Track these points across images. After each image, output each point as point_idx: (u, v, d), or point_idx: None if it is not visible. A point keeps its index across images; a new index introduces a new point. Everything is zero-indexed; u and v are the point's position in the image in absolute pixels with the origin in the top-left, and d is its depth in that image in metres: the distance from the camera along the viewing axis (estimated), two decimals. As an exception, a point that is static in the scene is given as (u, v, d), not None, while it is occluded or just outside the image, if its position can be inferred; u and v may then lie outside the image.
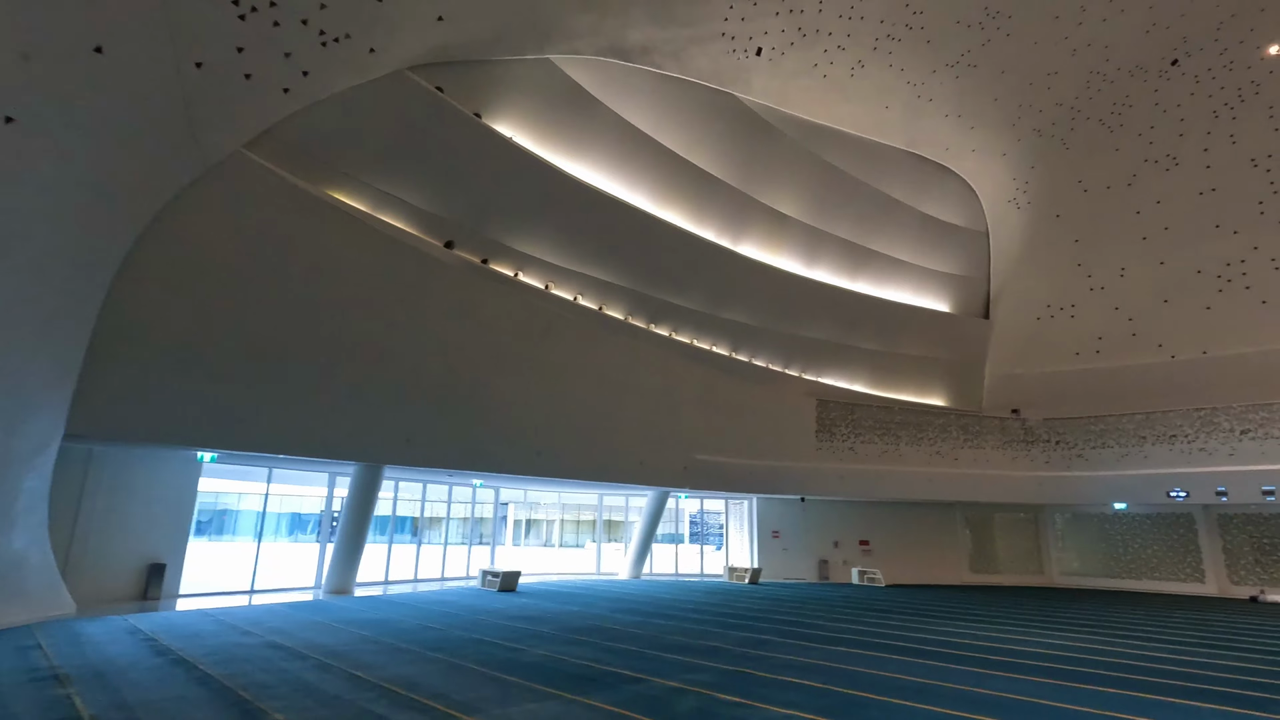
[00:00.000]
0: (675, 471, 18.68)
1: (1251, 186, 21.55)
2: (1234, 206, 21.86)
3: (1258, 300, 21.74)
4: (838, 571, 22.31)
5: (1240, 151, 21.40)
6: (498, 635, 10.38)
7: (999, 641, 10.92)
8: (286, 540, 35.10)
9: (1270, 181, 21.32)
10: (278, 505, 36.69)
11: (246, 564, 15.78)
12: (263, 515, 16.61)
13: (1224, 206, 21.99)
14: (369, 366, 13.21)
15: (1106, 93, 21.34)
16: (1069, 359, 24.41)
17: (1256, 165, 21.38)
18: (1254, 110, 20.84)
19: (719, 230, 18.73)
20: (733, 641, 10.31)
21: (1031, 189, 24.10)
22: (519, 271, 15.34)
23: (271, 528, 37.07)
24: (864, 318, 22.85)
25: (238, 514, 34.77)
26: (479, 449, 15.13)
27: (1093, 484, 21.04)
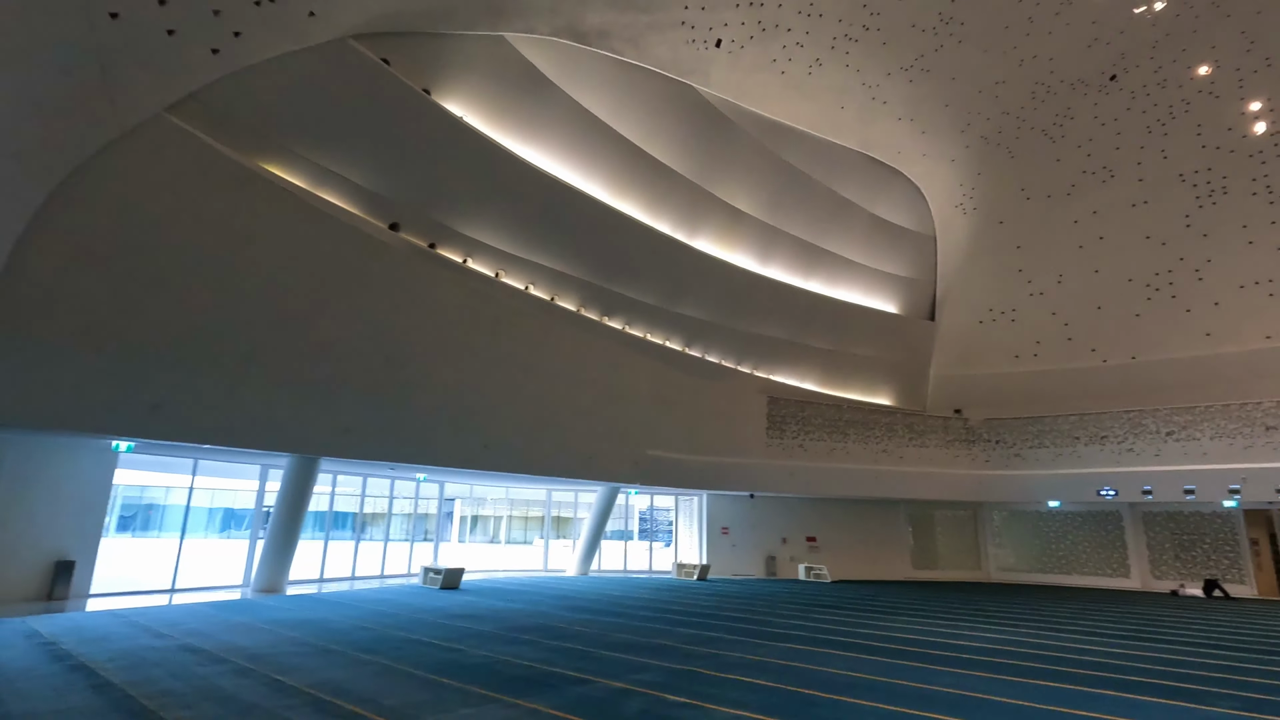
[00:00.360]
0: (626, 467, 18.38)
1: (1179, 201, 22.55)
2: (1163, 219, 22.84)
3: (1182, 309, 22.78)
4: (785, 568, 22.43)
5: (1170, 166, 22.36)
6: (437, 635, 9.89)
7: (943, 636, 11.00)
8: (219, 537, 33.36)
9: (1196, 197, 22.36)
10: (209, 499, 34.86)
11: (171, 561, 14.77)
12: (187, 509, 15.55)
13: (1154, 219, 22.96)
14: (304, 352, 12.46)
15: (1050, 104, 21.99)
16: (1009, 361, 25.15)
17: (1184, 180, 22.39)
18: (1184, 127, 21.80)
19: (675, 224, 18.51)
20: (681, 639, 10.08)
21: (977, 195, 24.70)
22: (468, 258, 14.76)
23: (202, 523, 35.18)
24: (816, 317, 23.01)
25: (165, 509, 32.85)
26: (422, 442, 14.50)
27: (1029, 482, 21.70)
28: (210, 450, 13.88)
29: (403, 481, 19.97)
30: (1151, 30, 19.72)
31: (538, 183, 15.00)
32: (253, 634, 9.57)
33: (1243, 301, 21.86)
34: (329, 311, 12.64)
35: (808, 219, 21.93)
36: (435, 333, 14.35)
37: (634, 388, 18.50)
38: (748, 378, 22.01)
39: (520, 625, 11.05)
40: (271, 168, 11.43)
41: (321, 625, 10.51)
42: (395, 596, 14.61)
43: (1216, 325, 22.24)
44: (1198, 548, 20.33)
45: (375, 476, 18.45)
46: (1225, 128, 21.35)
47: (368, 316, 13.21)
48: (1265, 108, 20.76)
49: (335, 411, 13.02)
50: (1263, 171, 21.40)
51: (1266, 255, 21.57)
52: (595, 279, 17.20)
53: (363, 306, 13.10)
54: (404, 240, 13.53)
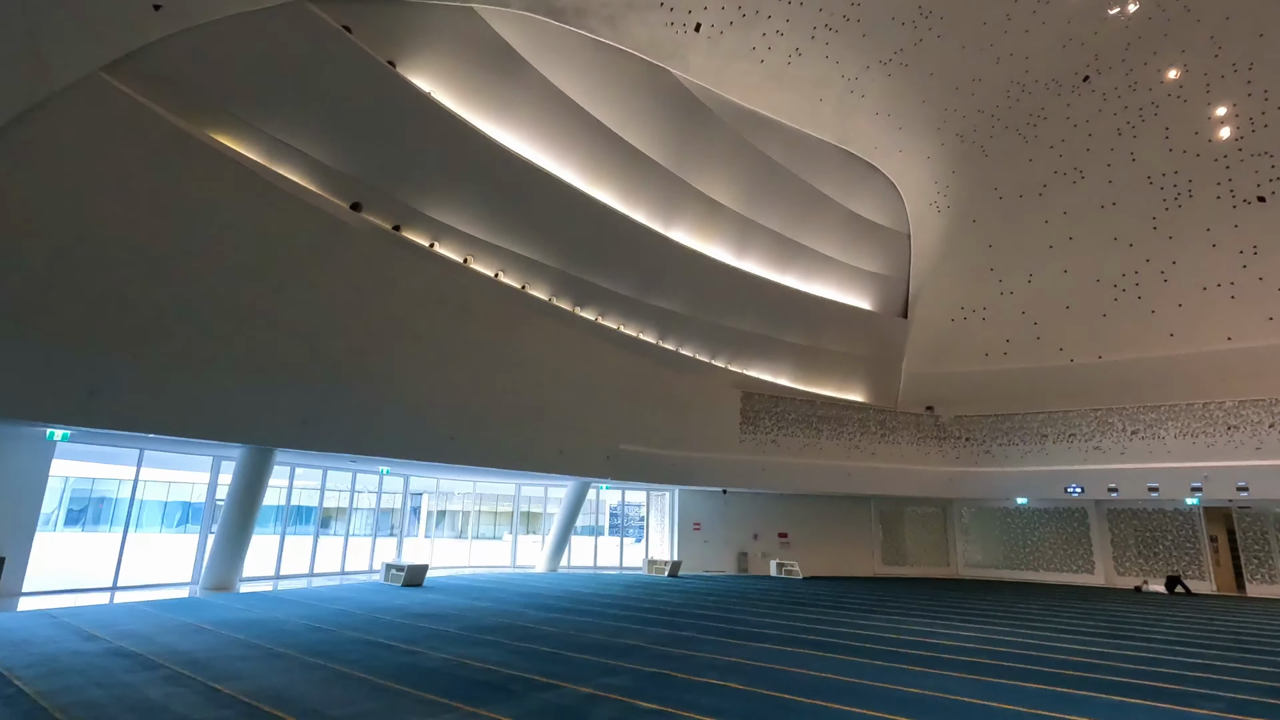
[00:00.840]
0: (597, 461, 17.91)
1: (1147, 203, 22.79)
2: (1131, 221, 23.07)
3: (1148, 310, 23.05)
4: (756, 564, 22.19)
5: (1139, 169, 22.58)
6: (395, 636, 9.32)
7: (919, 635, 10.77)
8: (176, 531, 32.04)
9: (1163, 199, 22.61)
10: (164, 493, 33.51)
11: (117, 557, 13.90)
12: (131, 502, 14.67)
13: (1122, 220, 23.19)
14: (259, 337, 11.73)
15: (1024, 103, 22.02)
16: (979, 359, 25.24)
17: (1152, 183, 22.63)
18: (1153, 130, 22.01)
19: (650, 213, 18.06)
20: (652, 639, 9.67)
21: (951, 193, 24.70)
22: (435, 242, 14.12)
23: (158, 517, 33.77)
24: (791, 312, 22.77)
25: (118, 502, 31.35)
26: (385, 433, 13.83)
27: (999, 479, 21.78)
28: (155, 440, 13.07)
29: (366, 475, 19.23)
30: (1125, 32, 19.81)
31: (509, 165, 14.42)
32: (195, 636, 8.91)
33: (1205, 303, 22.18)
34: (286, 295, 11.93)
35: (785, 213, 21.66)
36: (400, 320, 13.70)
37: (607, 380, 18.02)
38: (722, 372, 21.69)
39: (484, 625, 10.53)
40: (221, 138, 10.69)
41: (271, 625, 9.86)
42: (354, 594, 13.95)
43: (1180, 326, 22.54)
44: (1159, 545, 20.58)
45: (336, 469, 17.69)
46: (1192, 132, 21.61)
47: (328, 301, 12.51)
48: (1230, 113, 21.05)
49: (292, 401, 12.32)
50: (1227, 175, 21.71)
51: (1228, 258, 21.91)
52: (568, 268, 16.67)
53: (322, 290, 12.41)
54: (367, 222, 12.85)
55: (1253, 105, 20.70)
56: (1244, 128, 21.07)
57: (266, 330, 11.80)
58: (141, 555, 17.79)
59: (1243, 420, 19.12)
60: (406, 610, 11.82)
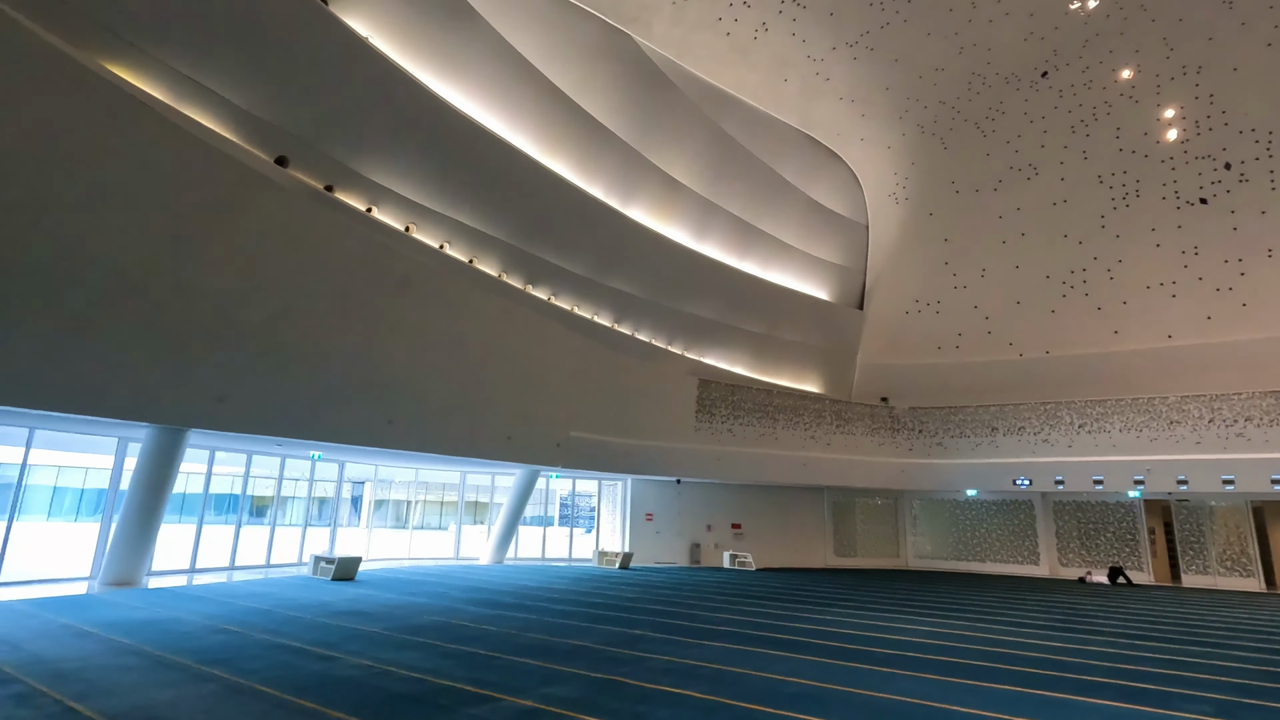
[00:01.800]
0: (547, 449, 16.92)
1: (1096, 201, 23.00)
2: (1080, 218, 23.27)
3: (1094, 306, 23.32)
4: (710, 555, 21.60)
5: (1090, 167, 22.76)
6: (311, 638, 8.20)
7: (879, 631, 10.22)
8: (89, 521, 29.49)
9: (1111, 198, 22.84)
10: (80, 479, 30.85)
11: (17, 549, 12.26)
12: (18, 487, 12.99)
13: (1072, 217, 23.36)
14: (167, 303, 10.32)
15: (984, 96, 21.89)
16: (933, 352, 25.21)
17: (1102, 181, 22.84)
18: (1104, 129, 22.17)
19: (608, 188, 17.11)
20: (602, 639, 8.80)
21: (910, 185, 24.51)
22: (372, 207, 12.86)
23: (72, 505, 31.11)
24: (748, 299, 22.19)
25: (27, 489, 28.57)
26: (314, 414, 12.54)
27: (950, 471, 21.70)
28: (42, 417, 11.48)
29: (297, 460, 17.74)
30: (1084, 29, 19.80)
31: (457, 126, 13.26)
32: (72, 641, 7.61)
33: (1148, 301, 22.53)
34: (198, 254, 10.53)
35: (745, 197, 21.02)
36: (331, 289, 12.40)
37: (558, 364, 17.03)
38: (678, 359, 20.95)
39: (415, 624, 9.48)
40: (121, 71, 9.26)
41: (169, 627, 8.60)
42: (276, 590, 12.65)
43: (1124, 323, 22.86)
44: (1101, 536, 20.83)
45: (262, 454, 16.20)
46: (1142, 133, 21.85)
47: (247, 266, 11.15)
48: (1178, 115, 21.33)
49: (204, 376, 10.95)
50: (1172, 177, 22.03)
51: (1171, 258, 22.28)
52: (520, 242, 15.60)
53: (242, 253, 11.04)
54: (294, 179, 11.52)
55: (1199, 108, 21.01)
56: (1190, 130, 21.38)
57: (174, 295, 10.40)
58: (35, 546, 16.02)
59: (1184, 415, 19.41)
60: (330, 608, 10.65)
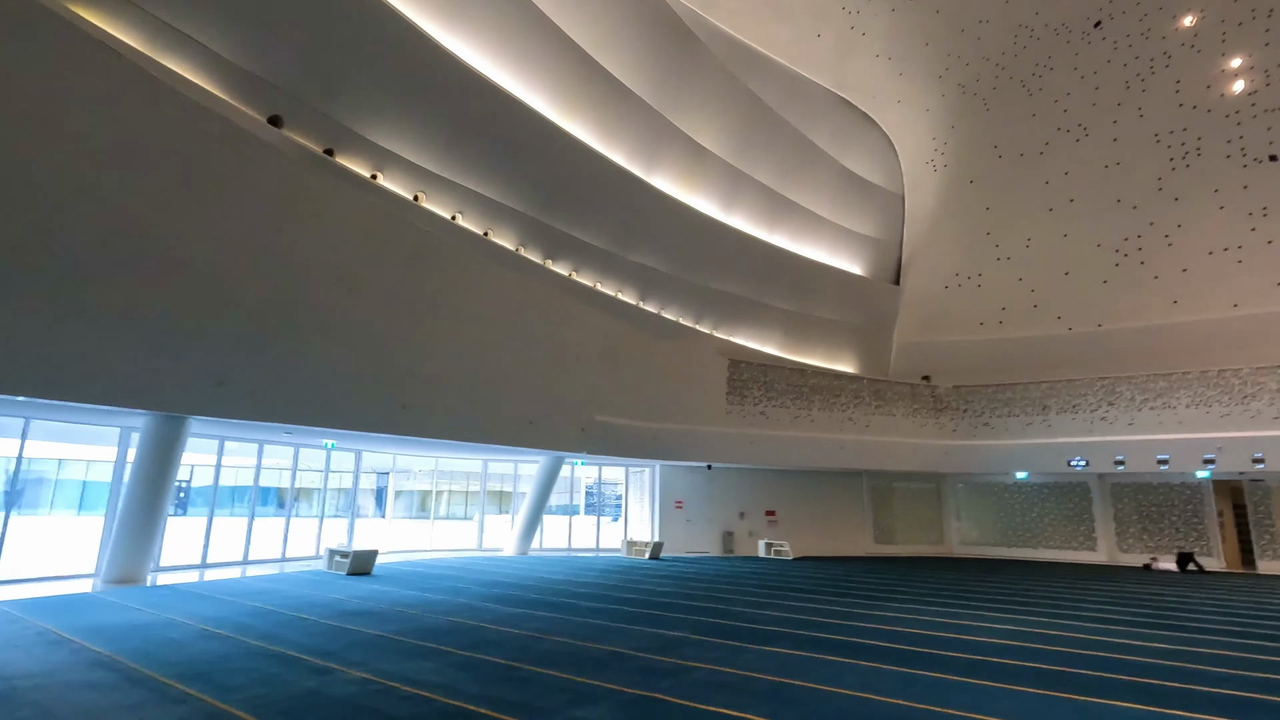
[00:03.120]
0: (571, 434, 15.80)
1: (1152, 162, 21.18)
2: (1135, 181, 21.46)
3: (1150, 275, 21.53)
4: (743, 544, 20.38)
5: (1146, 126, 20.93)
6: (311, 645, 7.16)
7: (949, 629, 8.93)
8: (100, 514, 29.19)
9: (1169, 158, 21.01)
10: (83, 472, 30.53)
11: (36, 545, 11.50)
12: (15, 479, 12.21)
13: (1126, 181, 21.57)
14: (159, 278, 9.32)
15: (1031, 51, 20.16)
16: (973, 329, 23.60)
17: (1159, 141, 21.01)
18: (1162, 84, 20.33)
19: (630, 155, 15.83)
20: (637, 643, 7.65)
21: (949, 150, 22.86)
22: (378, 173, 11.77)
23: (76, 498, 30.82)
24: (779, 274, 20.81)
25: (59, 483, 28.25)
26: (322, 399, 11.53)
27: (997, 453, 20.18)
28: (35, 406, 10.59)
29: (315, 451, 16.83)
30: (1143, -30, 18.02)
31: (469, 84, 12.08)
32: (43, 651, 6.64)
33: (1211, 268, 20.69)
34: (186, 226, 9.51)
35: (775, 164, 19.59)
36: (335, 264, 11.33)
37: (581, 344, 15.86)
38: (707, 338, 19.68)
39: (429, 627, 8.41)
40: (90, 15, 8.21)
41: (157, 634, 7.63)
42: (285, 587, 11.71)
43: (1185, 293, 21.06)
44: (1165, 520, 19.20)
45: (274, 443, 15.31)
46: (1204, 85, 19.98)
47: (241, 236, 10.11)
48: (1245, 65, 19.43)
49: (202, 358, 9.96)
50: (1238, 133, 20.15)
51: (1237, 221, 20.41)
52: (538, 213, 14.42)
53: (238, 223, 10.00)
54: (291, 142, 10.44)
55: (1269, 56, 19.09)
56: (1258, 81, 19.47)
57: (167, 267, 9.40)
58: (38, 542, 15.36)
59: (1260, 388, 17.66)
60: (339, 607, 9.64)
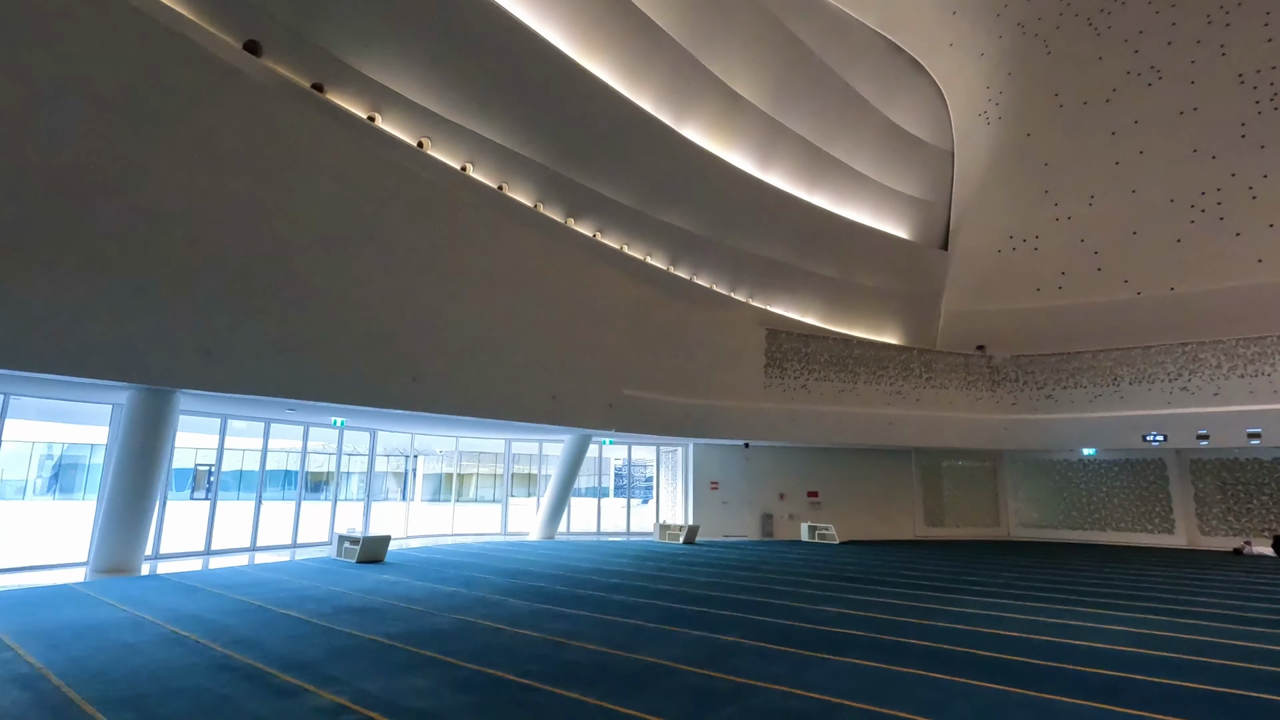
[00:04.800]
0: (598, 410, 14.33)
1: (1235, 106, 18.76)
2: (1214, 128, 19.07)
3: (1231, 232, 19.18)
4: (783, 527, 18.79)
5: (1228, 65, 18.51)
6: (286, 654, 5.78)
7: (1060, 632, 7.25)
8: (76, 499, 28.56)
9: (1255, 101, 18.58)
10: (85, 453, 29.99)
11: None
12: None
13: (1204, 128, 19.18)
14: (131, 233, 8.03)
15: (1101, -18, 17.88)
16: (1029, 295, 21.48)
17: (1243, 82, 18.58)
18: (1250, 16, 17.89)
19: (658, 101, 14.15)
20: (680, 652, 6.13)
21: (1005, 101, 20.66)
22: (376, 114, 10.31)
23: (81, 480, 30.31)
24: (820, 238, 18.97)
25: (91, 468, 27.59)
26: (322, 372, 10.21)
27: (1062, 428, 18.18)
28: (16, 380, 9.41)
29: (334, 431, 15.62)
30: (1237, -121, 15.62)
31: (480, 14, 10.52)
32: (-42, 663, 5.37)
33: (1304, 222, 18.34)
34: (167, 171, 8.16)
35: (816, 116, 17.70)
36: (331, 218, 9.93)
37: (607, 312, 14.33)
38: (742, 306, 17.98)
39: (433, 628, 7.00)
40: (18, -90, 6.82)
41: (113, 637, 6.33)
42: (286, 577, 10.47)
43: (1271, 250, 18.70)
44: (1254, 499, 17.08)
45: (280, 421, 14.11)
46: (1300, 15, 17.54)
47: (219, 183, 8.75)
48: (1349, -11, 16.96)
49: (185, 324, 8.68)
50: (1338, 68, 17.71)
51: (1334, 168, 18.00)
52: (558, 165, 12.86)
53: (208, 167, 8.63)
54: (271, 73, 9.01)
55: (1378, -22, 16.61)
56: (1364, 7, 16.99)
57: (139, 221, 8.08)
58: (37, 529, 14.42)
59: (1372, 352, 15.42)
60: (337, 602, 8.31)
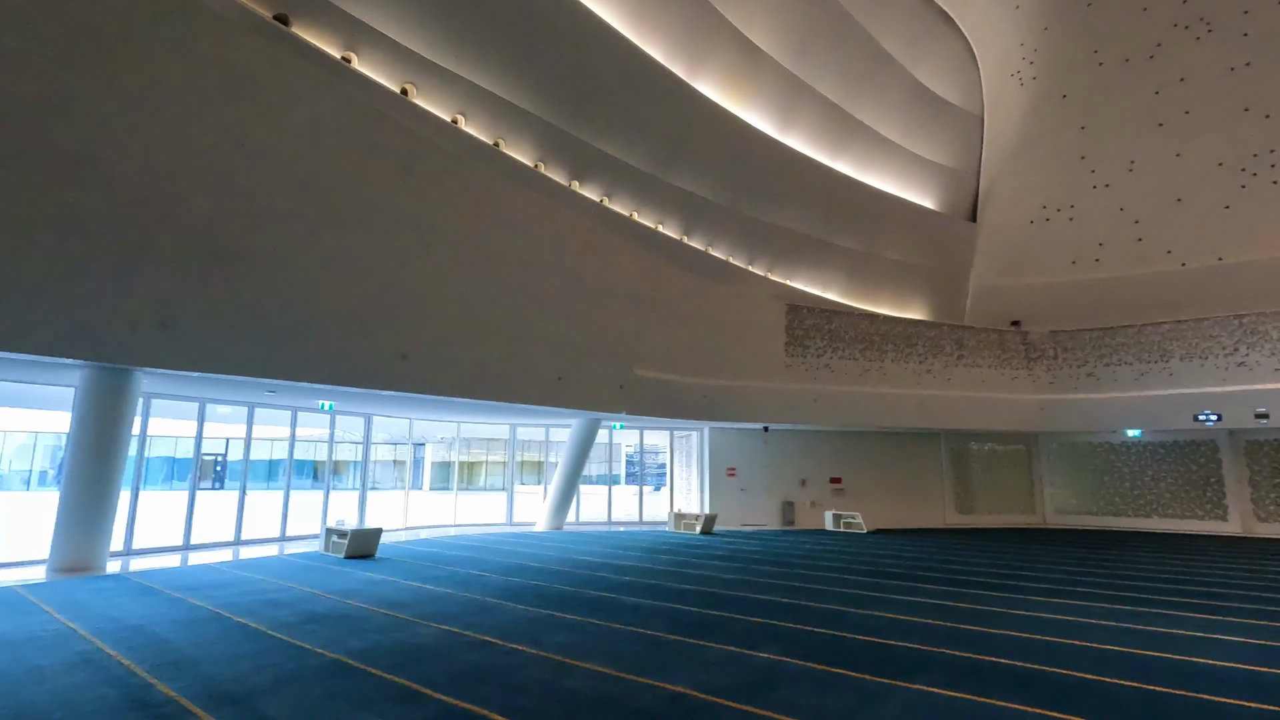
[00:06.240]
0: (607, 392, 13.05)
1: (1293, 59, 17.09)
2: (1269, 84, 17.37)
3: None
4: (805, 515, 17.48)
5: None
6: (228, 678, 4.51)
7: (1172, 646, 5.91)
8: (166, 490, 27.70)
9: (1315, 52, 16.88)
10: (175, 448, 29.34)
11: None
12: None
13: (1257, 84, 17.48)
14: (73, 188, 6.81)
15: (1150, -77, 16.19)
16: (1064, 269, 19.93)
17: (1303, 31, 16.88)
18: (1313, -43, 16.17)
19: (670, 50, 12.72)
20: (709, 678, 4.81)
21: (1040, 59, 19.01)
22: (352, 54, 8.98)
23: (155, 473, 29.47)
24: (842, 206, 17.52)
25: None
26: (297, 347, 8.98)
27: (1104, 407, 16.70)
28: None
29: (345, 419, 14.43)
30: None
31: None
32: None
33: (1369, 183, 16.68)
34: (111, 118, 6.90)
35: (840, 74, 16.19)
36: (301, 172, 8.65)
37: (616, 285, 13.00)
38: (761, 280, 16.60)
39: (409, 644, 5.72)
40: None
41: (24, 656, 5.12)
42: (262, 575, 9.27)
43: (1331, 215, 17.08)
44: (1318, 483, 15.60)
45: (265, 406, 12.91)
46: (1369, -46, 15.80)
47: (182, 133, 7.48)
48: None
49: (140, 291, 7.46)
50: None
51: (1404, 123, 16.30)
52: (560, 120, 11.49)
53: (174, 118, 7.36)
54: (235, 4, 7.70)
55: None
56: None
57: (81, 173, 6.84)
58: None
59: None
60: (305, 609, 7.07)
